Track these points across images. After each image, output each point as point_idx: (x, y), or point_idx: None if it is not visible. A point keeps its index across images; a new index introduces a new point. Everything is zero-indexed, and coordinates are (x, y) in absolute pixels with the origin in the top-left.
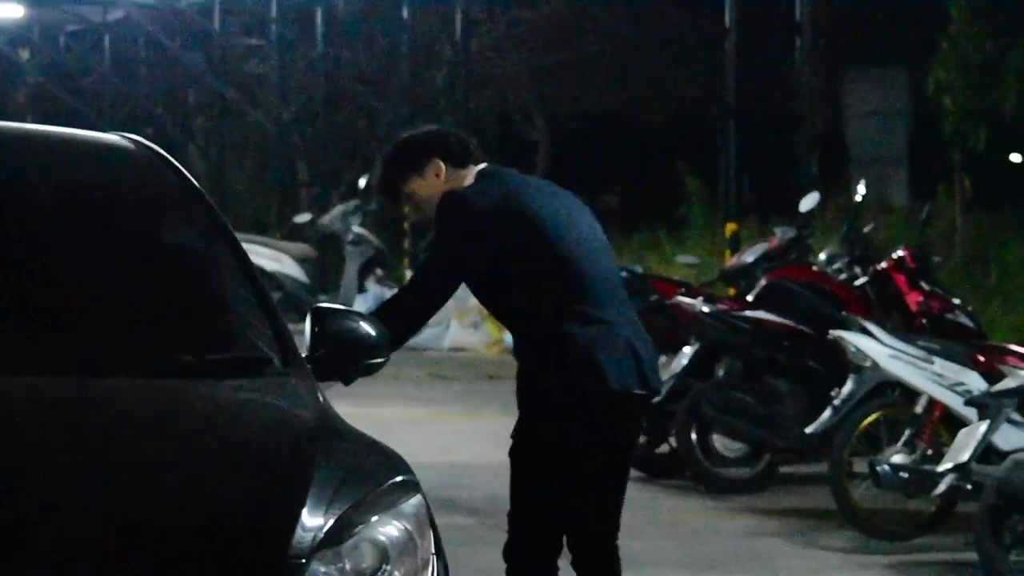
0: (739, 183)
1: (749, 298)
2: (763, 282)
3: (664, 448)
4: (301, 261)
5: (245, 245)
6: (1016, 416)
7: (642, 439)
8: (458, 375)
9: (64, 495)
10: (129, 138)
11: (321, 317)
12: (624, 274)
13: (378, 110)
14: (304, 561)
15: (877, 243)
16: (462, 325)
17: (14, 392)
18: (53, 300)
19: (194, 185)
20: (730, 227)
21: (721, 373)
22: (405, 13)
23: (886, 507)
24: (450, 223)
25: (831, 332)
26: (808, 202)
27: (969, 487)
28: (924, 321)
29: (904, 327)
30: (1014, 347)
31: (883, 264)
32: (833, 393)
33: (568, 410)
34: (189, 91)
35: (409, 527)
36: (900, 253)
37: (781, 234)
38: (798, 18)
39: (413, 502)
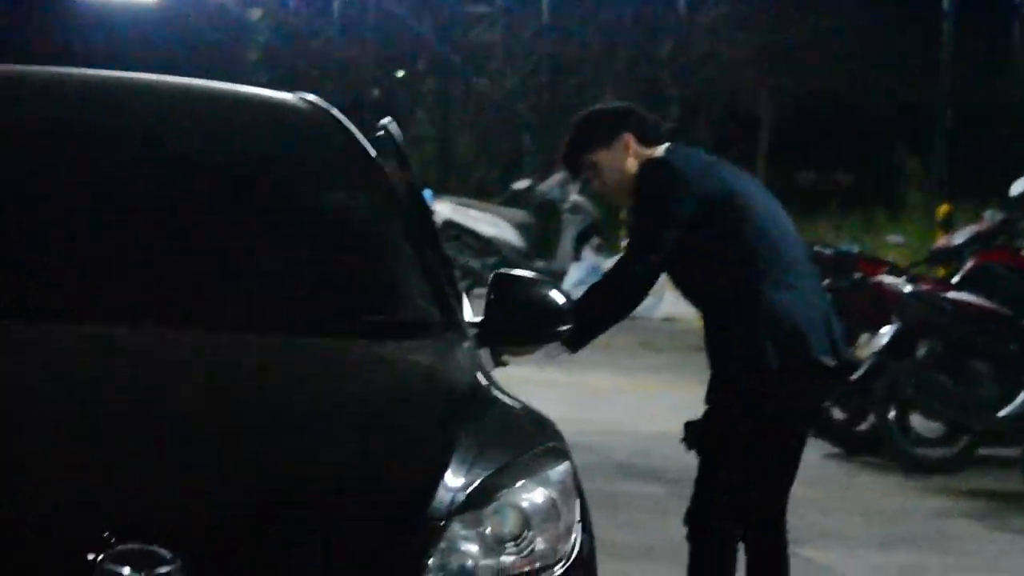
0: (953, 165)
1: (955, 280)
2: (969, 264)
3: (864, 426)
4: (519, 227)
5: (464, 209)
6: None
7: (842, 416)
8: (668, 345)
9: (201, 454)
10: (304, 97)
11: (501, 283)
12: (829, 251)
13: (603, 82)
14: (443, 523)
15: None
16: (676, 295)
17: (174, 347)
18: (215, 258)
19: (363, 146)
20: (943, 208)
21: (921, 353)
22: None
23: None
24: (656, 186)
25: None
26: (1019, 186)
27: None
28: None
29: None
30: None
31: None
32: None
33: (772, 375)
34: (417, 57)
35: (553, 494)
36: None
37: (990, 217)
38: (1016, 2)
39: (560, 469)
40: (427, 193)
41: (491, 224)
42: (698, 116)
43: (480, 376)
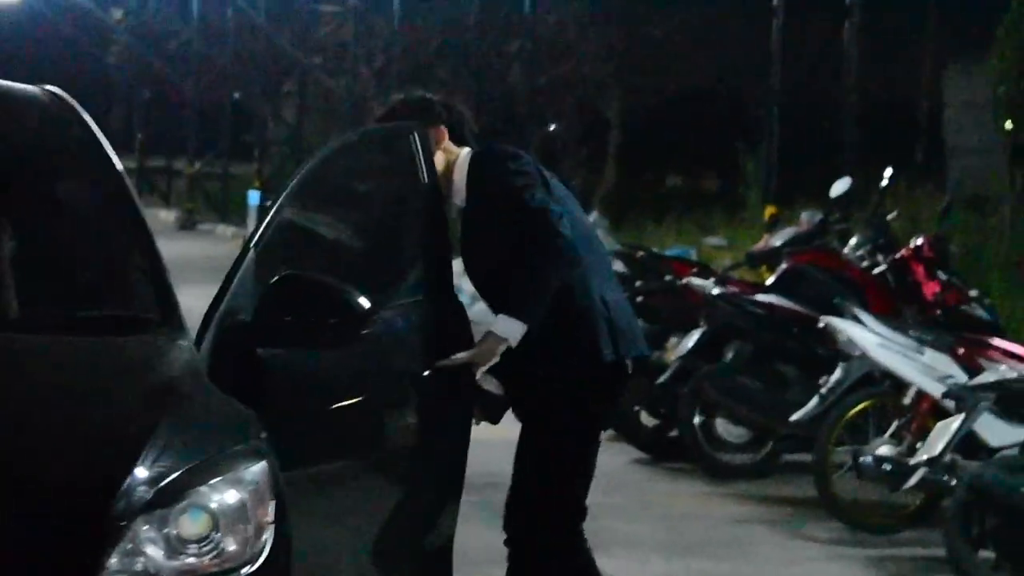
0: (785, 166)
1: (768, 282)
2: (783, 266)
3: (674, 432)
4: None
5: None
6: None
7: (653, 421)
8: None
9: None
10: (46, 89)
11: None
12: (640, 253)
13: (456, 79)
14: (125, 523)
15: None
16: None
17: None
18: None
19: (99, 140)
20: (769, 210)
21: (728, 357)
22: None
23: (870, 499)
24: (517, 164)
25: (821, 319)
26: (839, 187)
27: (950, 481)
28: (939, 312)
29: (920, 317)
30: (999, 341)
31: (901, 252)
32: (821, 381)
33: (606, 370)
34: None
35: (244, 495)
36: (918, 242)
37: (808, 218)
38: (847, 1)
39: (255, 469)
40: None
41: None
42: (547, 113)
43: (188, 375)
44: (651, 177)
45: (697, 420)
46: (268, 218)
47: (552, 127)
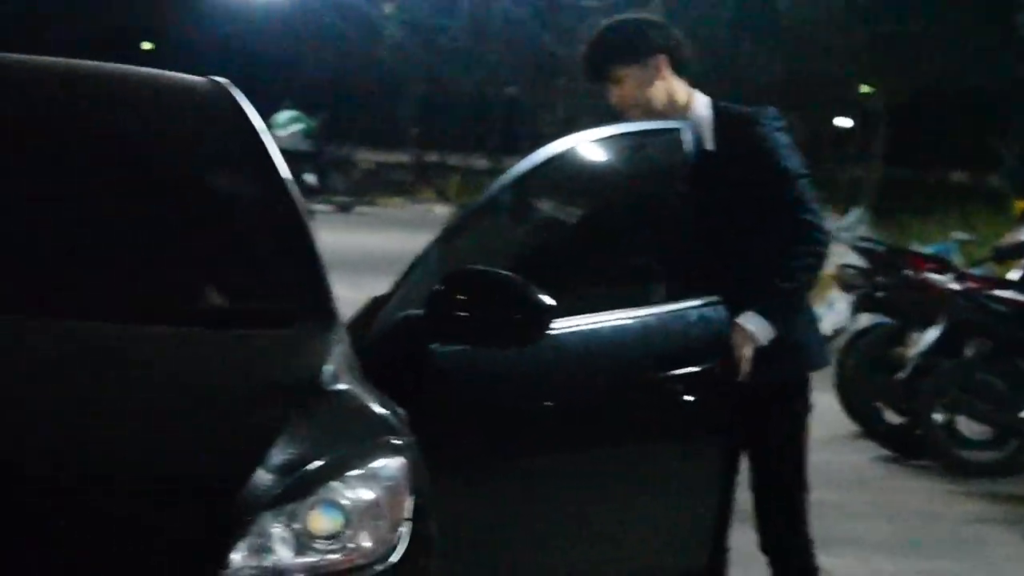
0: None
1: (1014, 277)
2: None
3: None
4: None
5: None
6: None
7: (897, 419)
8: None
9: (12, 439)
10: (212, 80)
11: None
12: (881, 248)
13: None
14: (251, 517)
15: None
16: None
17: (36, 332)
18: (80, 243)
19: (256, 132)
20: (1019, 204)
21: (968, 353)
22: None
23: None
24: (786, 136)
25: None
26: None
27: None
28: None
29: None
30: None
31: None
32: None
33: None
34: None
35: (378, 491)
36: None
37: None
38: None
39: (392, 465)
40: None
41: None
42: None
43: (333, 369)
44: (918, 172)
45: (938, 417)
46: (465, 214)
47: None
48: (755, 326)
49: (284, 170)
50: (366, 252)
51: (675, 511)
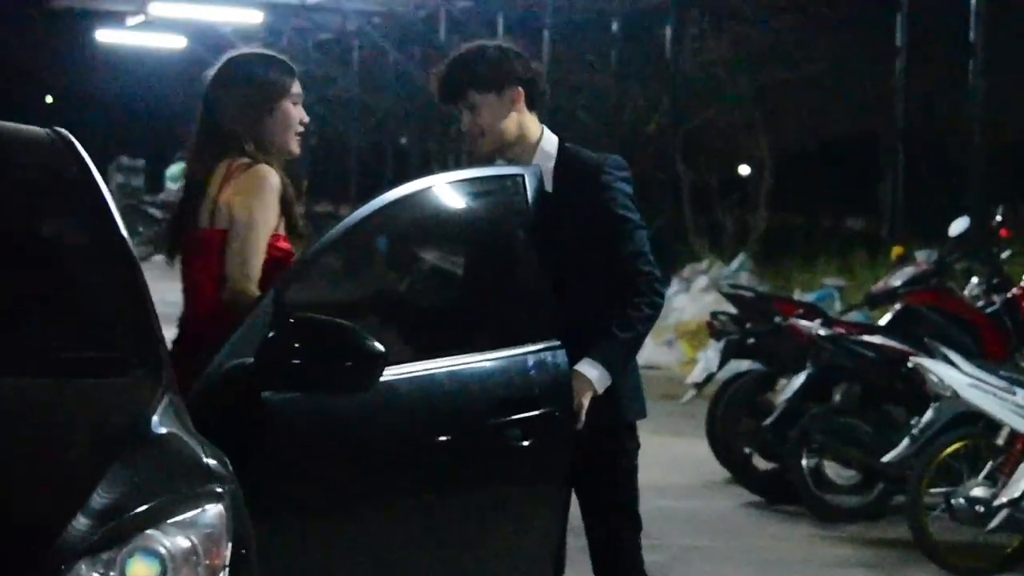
0: (905, 205)
1: (882, 322)
2: (897, 307)
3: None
4: None
5: None
6: None
7: (769, 465)
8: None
9: None
10: (52, 130)
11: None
12: (750, 294)
13: (600, 129)
14: (66, 565)
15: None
16: (656, 343)
17: None
18: None
19: (95, 181)
20: (895, 250)
21: (836, 398)
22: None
23: (965, 542)
24: (629, 187)
25: (910, 360)
26: (957, 226)
27: None
28: None
29: None
30: None
31: (1013, 291)
32: (913, 422)
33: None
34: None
35: (196, 539)
36: None
37: (925, 258)
38: (972, 38)
39: (210, 513)
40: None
41: None
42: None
43: (156, 417)
44: (800, 219)
45: (806, 462)
46: (296, 266)
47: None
48: (594, 374)
49: (119, 220)
50: None
51: (513, 555)
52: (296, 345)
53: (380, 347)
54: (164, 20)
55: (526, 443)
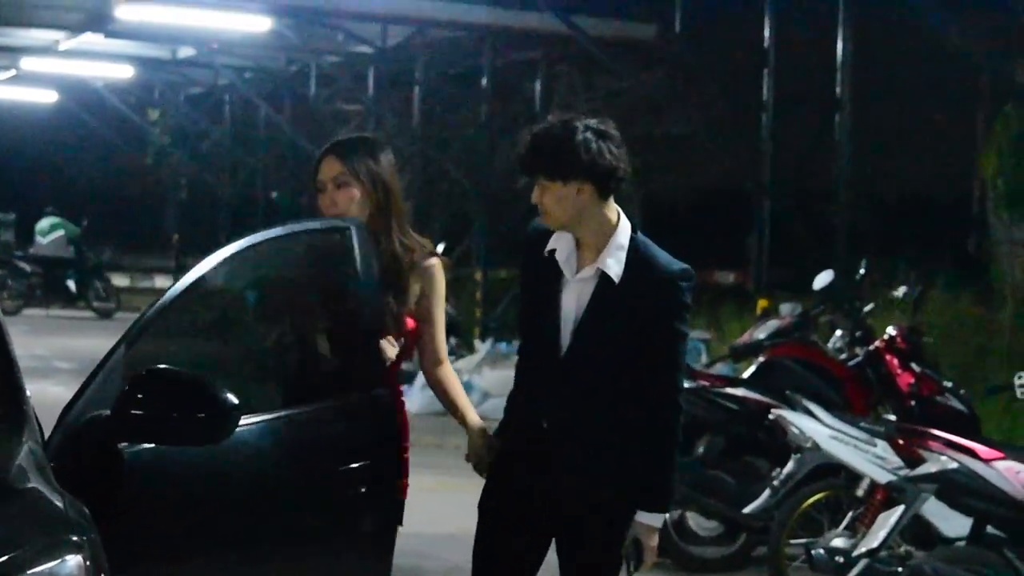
0: (770, 259)
1: (745, 375)
2: (761, 359)
3: None
4: None
5: None
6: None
7: None
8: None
9: None
10: None
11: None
12: None
13: (471, 183)
14: None
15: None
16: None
17: None
18: None
19: None
20: (761, 303)
21: (700, 450)
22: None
23: None
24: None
25: (772, 412)
26: (821, 280)
27: (896, 572)
28: (913, 403)
29: (895, 408)
30: (938, 432)
31: (876, 344)
32: (774, 473)
33: None
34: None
35: None
36: (891, 333)
37: (789, 311)
38: (838, 93)
39: (70, 563)
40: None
41: None
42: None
43: (16, 469)
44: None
45: (669, 514)
46: (144, 315)
47: None
48: (657, 521)
49: None
50: None
51: None
52: (150, 397)
53: (233, 399)
54: (35, 74)
55: (356, 491)
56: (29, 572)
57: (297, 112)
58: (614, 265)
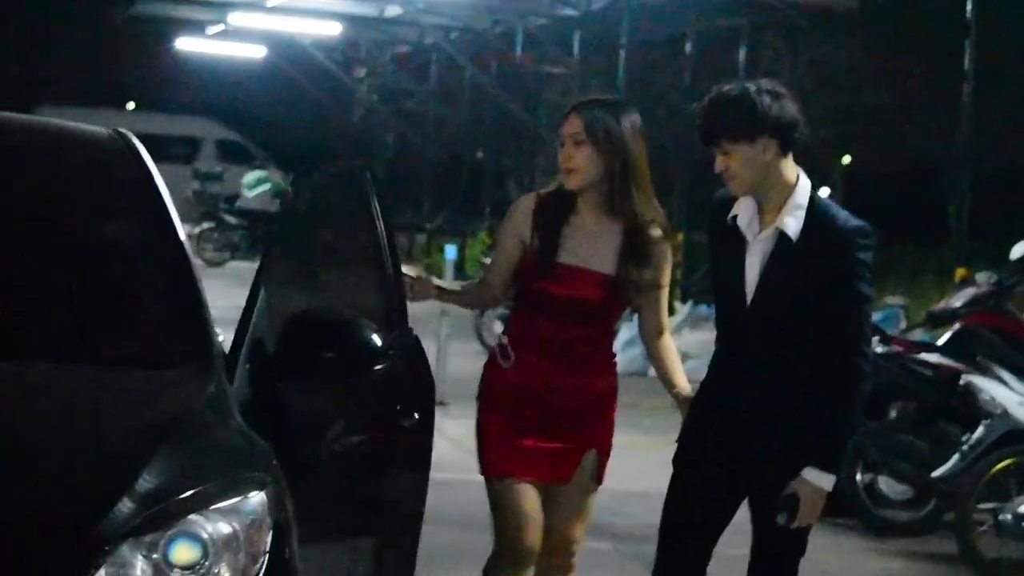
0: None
1: (940, 342)
2: (956, 327)
3: None
4: None
5: None
6: None
7: None
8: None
9: None
10: (114, 131)
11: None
12: None
13: (674, 147)
14: (110, 547)
15: None
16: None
17: None
18: None
19: (153, 181)
20: (960, 272)
21: (892, 415)
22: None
23: (1013, 557)
24: (871, 255)
25: (962, 377)
26: (1019, 250)
27: None
28: None
29: None
30: None
31: None
32: (964, 438)
33: None
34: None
35: (237, 524)
36: None
37: (984, 280)
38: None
39: (252, 499)
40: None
41: None
42: None
43: (202, 408)
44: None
45: (860, 477)
46: (270, 252)
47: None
48: (827, 480)
49: (176, 222)
50: None
51: None
52: (302, 337)
53: (378, 339)
54: (244, 30)
55: None
56: (213, 507)
57: (502, 73)
58: (792, 223)
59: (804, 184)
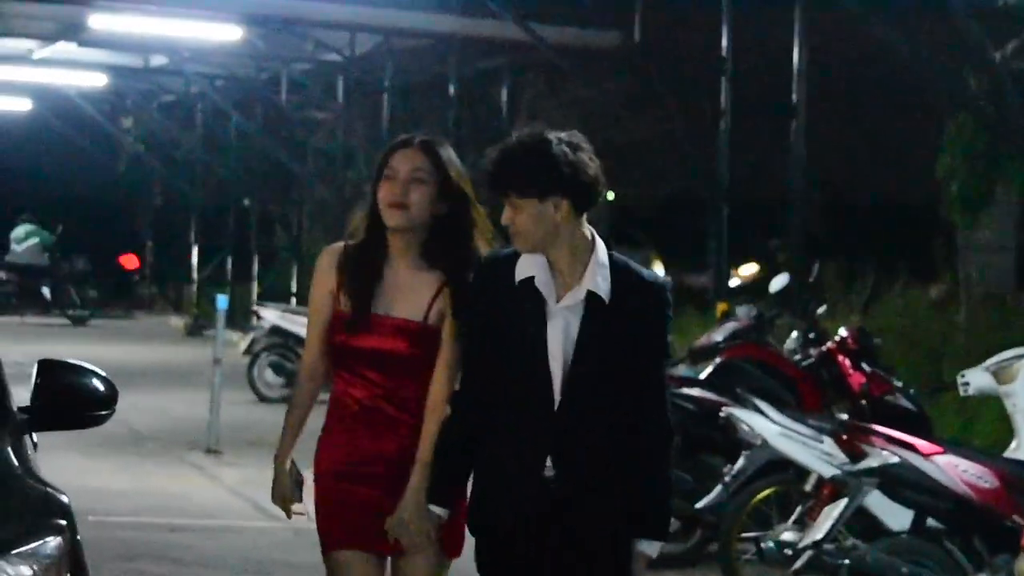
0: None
1: (702, 375)
2: (717, 360)
3: None
4: None
5: (292, 316)
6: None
7: None
8: None
9: None
10: None
11: (46, 370)
12: None
13: None
14: None
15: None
16: None
17: None
18: None
19: None
20: (720, 307)
21: None
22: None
23: None
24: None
25: (723, 410)
26: (777, 283)
27: (839, 563)
28: (864, 402)
29: (847, 408)
30: (880, 428)
31: (828, 345)
32: (725, 469)
33: None
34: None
35: (36, 567)
36: (843, 334)
37: (745, 313)
38: (794, 100)
39: (51, 544)
40: (221, 300)
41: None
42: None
43: (3, 461)
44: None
45: None
46: None
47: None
48: (655, 548)
49: None
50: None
51: None
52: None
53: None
54: (9, 83)
55: None
56: (15, 552)
57: (268, 120)
58: (603, 284)
59: (600, 242)
